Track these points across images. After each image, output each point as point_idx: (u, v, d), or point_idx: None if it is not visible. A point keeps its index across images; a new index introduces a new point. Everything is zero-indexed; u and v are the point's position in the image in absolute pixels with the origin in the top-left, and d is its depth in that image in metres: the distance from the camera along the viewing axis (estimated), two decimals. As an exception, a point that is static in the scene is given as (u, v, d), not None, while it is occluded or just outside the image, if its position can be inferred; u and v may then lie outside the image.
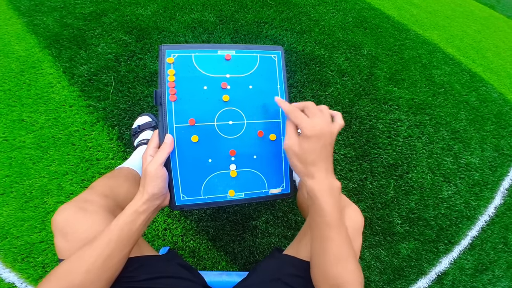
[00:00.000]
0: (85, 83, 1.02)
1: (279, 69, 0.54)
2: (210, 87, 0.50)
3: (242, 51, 0.52)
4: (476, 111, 1.30)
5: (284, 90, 0.54)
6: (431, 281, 1.01)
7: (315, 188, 0.42)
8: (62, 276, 0.40)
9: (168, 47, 0.49)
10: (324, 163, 0.43)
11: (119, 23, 1.12)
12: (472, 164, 1.18)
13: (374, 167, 1.08)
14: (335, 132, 0.44)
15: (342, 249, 0.42)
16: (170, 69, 0.49)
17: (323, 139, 0.42)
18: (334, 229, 0.42)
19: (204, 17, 1.20)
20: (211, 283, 0.62)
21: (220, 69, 0.51)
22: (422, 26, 1.51)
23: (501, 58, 1.59)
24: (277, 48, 0.54)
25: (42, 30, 1.08)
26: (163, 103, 0.48)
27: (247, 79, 0.52)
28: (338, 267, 0.42)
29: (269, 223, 0.96)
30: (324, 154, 0.43)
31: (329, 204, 0.41)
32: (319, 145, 0.42)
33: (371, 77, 1.23)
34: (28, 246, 0.84)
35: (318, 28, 1.28)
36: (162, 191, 0.45)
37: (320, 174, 0.42)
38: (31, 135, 0.94)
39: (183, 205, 0.50)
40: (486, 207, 1.14)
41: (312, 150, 0.42)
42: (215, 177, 0.51)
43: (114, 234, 0.41)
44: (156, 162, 0.44)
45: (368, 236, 1.01)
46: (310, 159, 0.42)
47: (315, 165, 0.42)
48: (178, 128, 0.49)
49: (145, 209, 0.43)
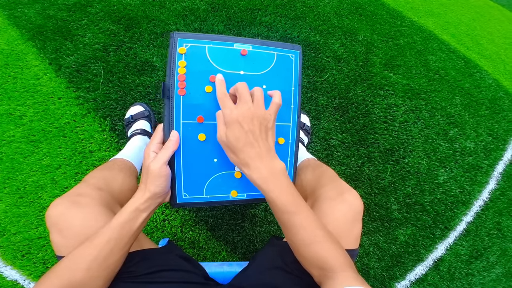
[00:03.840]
0: (73, 74, 0.99)
1: (295, 70, 0.51)
2: None
3: (259, 47, 0.49)
4: (471, 96, 1.31)
5: (298, 93, 0.51)
6: (428, 267, 1.02)
7: (253, 177, 0.41)
8: (62, 274, 0.39)
9: (180, 35, 0.44)
10: (254, 148, 0.41)
11: (105, 13, 1.08)
12: (467, 149, 1.19)
13: (371, 152, 1.08)
14: (267, 116, 0.42)
15: (308, 232, 0.40)
16: (181, 60, 0.45)
17: (246, 124, 0.40)
18: (293, 215, 0.40)
19: (196, 5, 1.17)
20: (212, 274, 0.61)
21: (235, 64, 0.47)
22: (417, 13, 1.50)
23: (496, 45, 1.60)
24: (295, 47, 0.51)
25: (24, 22, 1.03)
26: (170, 97, 0.45)
27: (262, 78, 0.49)
28: (312, 249, 0.40)
29: (268, 211, 0.95)
30: (252, 138, 0.41)
31: (275, 192, 0.40)
32: (243, 130, 0.40)
33: (367, 63, 1.21)
34: (27, 243, 0.83)
35: (313, 14, 1.25)
36: (164, 190, 0.44)
37: (254, 161, 0.41)
38: (20, 129, 0.91)
39: (184, 203, 0.49)
40: (480, 192, 1.16)
41: (236, 138, 0.40)
42: (219, 177, 0.49)
43: (114, 231, 0.40)
44: (160, 161, 0.42)
45: (366, 222, 1.01)
46: (238, 147, 0.41)
47: (244, 152, 0.41)
48: (185, 125, 0.46)
49: (147, 207, 0.42)
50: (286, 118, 0.51)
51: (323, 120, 1.09)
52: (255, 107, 0.41)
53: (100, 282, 0.40)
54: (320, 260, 0.40)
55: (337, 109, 1.11)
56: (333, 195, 0.52)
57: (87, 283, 0.39)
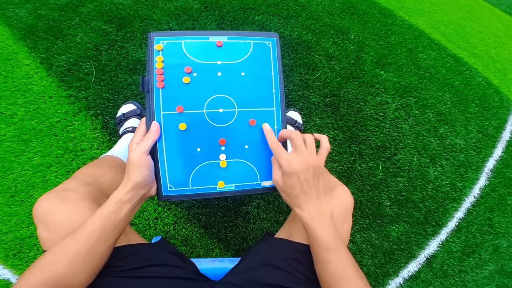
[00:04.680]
0: (65, 73, 0.98)
1: (273, 56, 0.52)
2: (200, 74, 0.49)
3: (235, 38, 0.50)
4: (461, 94, 1.32)
5: (279, 77, 0.52)
6: (421, 264, 1.03)
7: (304, 217, 0.44)
8: (45, 267, 0.38)
9: (157, 34, 0.47)
10: (307, 195, 0.44)
11: (97, 13, 1.08)
12: (457, 145, 1.21)
13: (362, 149, 1.09)
14: (319, 163, 0.45)
15: (342, 269, 0.43)
16: (158, 56, 0.47)
17: (303, 175, 0.43)
18: (331, 252, 0.43)
19: (188, 4, 1.17)
20: (203, 270, 0.61)
21: (211, 55, 0.49)
22: (408, 12, 1.51)
23: (485, 44, 1.62)
24: (271, 35, 0.52)
25: (15, 22, 1.03)
26: (150, 90, 0.47)
27: (239, 66, 0.50)
28: (339, 284, 0.43)
29: (260, 208, 0.96)
30: (306, 187, 0.44)
31: (320, 230, 0.43)
32: (300, 180, 0.43)
33: (358, 61, 1.23)
34: (18, 242, 0.82)
35: (305, 13, 1.26)
36: (147, 180, 0.44)
37: (307, 204, 0.44)
38: (11, 128, 0.90)
39: (170, 196, 0.49)
40: (471, 188, 1.17)
41: (293, 186, 0.44)
42: (204, 167, 0.49)
43: (97, 224, 0.40)
44: (140, 150, 0.42)
45: (358, 219, 1.02)
46: (294, 193, 0.44)
47: (298, 198, 0.44)
48: (165, 116, 0.47)
49: (130, 198, 0.42)
50: (268, 103, 0.52)
51: (315, 117, 1.09)
52: (310, 156, 0.44)
53: (84, 276, 0.40)
54: None
55: (329, 107, 1.12)
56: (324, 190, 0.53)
57: (71, 276, 0.39)
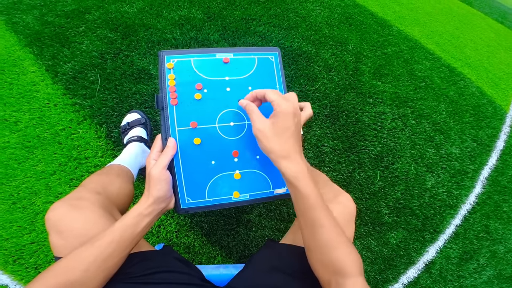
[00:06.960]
0: (70, 81, 1.00)
1: (277, 69, 0.55)
2: (210, 90, 0.51)
3: (240, 54, 0.53)
4: (455, 104, 1.36)
5: (283, 89, 0.55)
6: (420, 270, 1.04)
7: (293, 170, 0.41)
8: (60, 273, 0.39)
9: (167, 52, 0.50)
10: (297, 143, 0.43)
11: (103, 21, 1.10)
12: (452, 154, 1.24)
13: (361, 158, 1.12)
14: (302, 119, 0.45)
15: (334, 232, 0.42)
16: (170, 74, 0.49)
17: (297, 117, 0.42)
18: (321, 211, 0.41)
19: (192, 14, 1.20)
20: (208, 276, 0.62)
21: (219, 72, 0.52)
22: (404, 22, 1.56)
23: (478, 54, 1.67)
24: (274, 50, 0.55)
25: (21, 28, 1.04)
26: (164, 108, 0.49)
27: (246, 81, 0.53)
28: (334, 252, 0.41)
29: (262, 216, 0.97)
30: (297, 133, 0.42)
31: (310, 186, 0.41)
32: (294, 122, 0.42)
33: (356, 71, 1.26)
34: (19, 248, 0.82)
35: (305, 24, 1.30)
36: (166, 194, 0.45)
37: (296, 154, 0.42)
38: (15, 135, 0.91)
39: (188, 208, 0.50)
40: (467, 196, 1.20)
41: (287, 127, 0.42)
42: (219, 179, 0.51)
43: (116, 234, 0.41)
44: (159, 166, 0.44)
45: (358, 227, 1.04)
46: (286, 136, 0.42)
47: (289, 144, 0.42)
48: (180, 132, 0.49)
49: (150, 212, 0.44)
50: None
51: (315, 127, 1.12)
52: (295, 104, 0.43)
53: (97, 283, 0.41)
54: (339, 264, 0.40)
55: (328, 117, 1.15)
56: (330, 197, 0.55)
57: (83, 283, 0.39)
